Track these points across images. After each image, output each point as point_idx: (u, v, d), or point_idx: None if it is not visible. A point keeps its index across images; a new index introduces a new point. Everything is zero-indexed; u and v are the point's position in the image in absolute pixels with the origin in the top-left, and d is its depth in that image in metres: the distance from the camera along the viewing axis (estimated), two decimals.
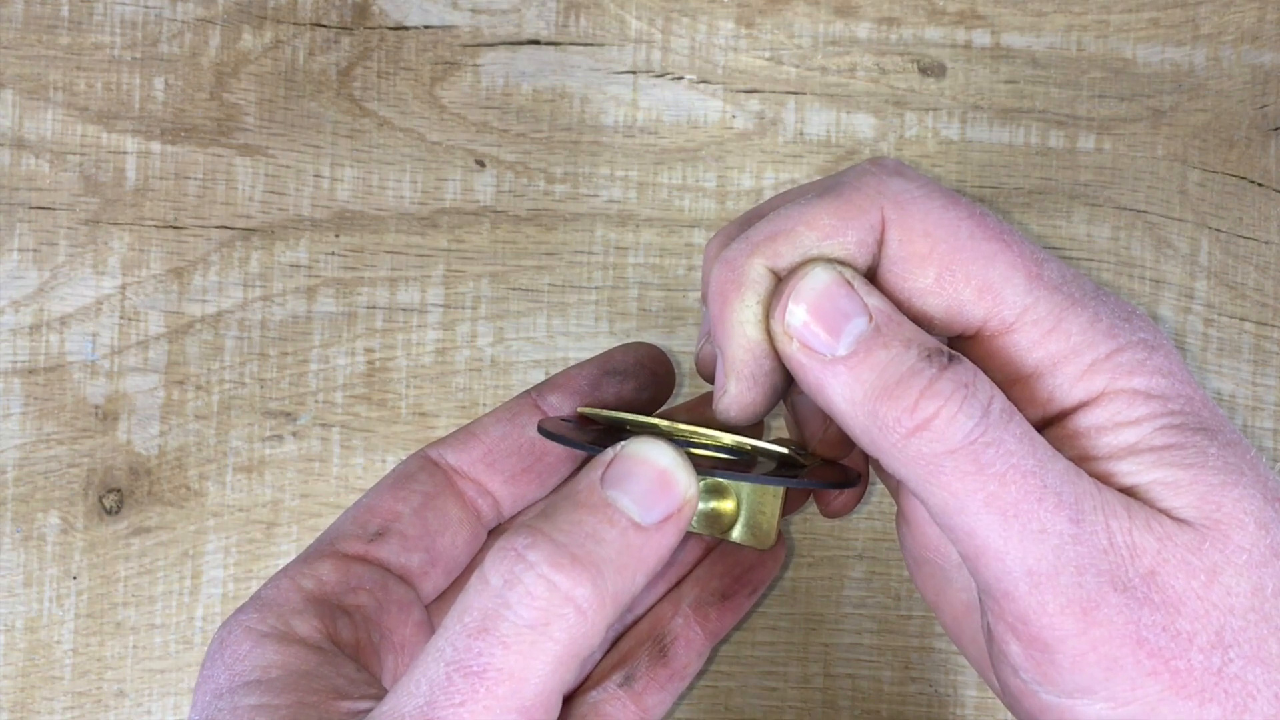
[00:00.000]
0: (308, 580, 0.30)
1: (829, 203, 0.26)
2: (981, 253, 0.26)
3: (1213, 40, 0.44)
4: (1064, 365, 0.26)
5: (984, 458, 0.23)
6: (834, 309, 0.25)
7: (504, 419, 0.33)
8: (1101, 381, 0.25)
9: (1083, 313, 0.26)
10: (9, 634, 0.43)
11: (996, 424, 0.24)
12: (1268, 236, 0.44)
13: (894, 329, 0.25)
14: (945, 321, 0.26)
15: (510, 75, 0.44)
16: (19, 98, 0.44)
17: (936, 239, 0.26)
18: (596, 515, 0.24)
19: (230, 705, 0.26)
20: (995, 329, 0.26)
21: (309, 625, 0.28)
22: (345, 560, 0.30)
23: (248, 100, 0.44)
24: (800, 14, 0.44)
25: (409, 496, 0.32)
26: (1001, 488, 0.23)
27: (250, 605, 0.30)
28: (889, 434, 0.24)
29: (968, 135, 0.44)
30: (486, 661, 0.22)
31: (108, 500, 0.43)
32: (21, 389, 0.43)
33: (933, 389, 0.24)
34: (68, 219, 0.44)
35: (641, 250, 0.44)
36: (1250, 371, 0.44)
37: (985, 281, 0.26)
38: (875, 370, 0.24)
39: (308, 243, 0.44)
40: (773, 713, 0.44)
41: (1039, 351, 0.26)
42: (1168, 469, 0.25)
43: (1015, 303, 0.26)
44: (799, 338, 0.25)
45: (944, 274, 0.26)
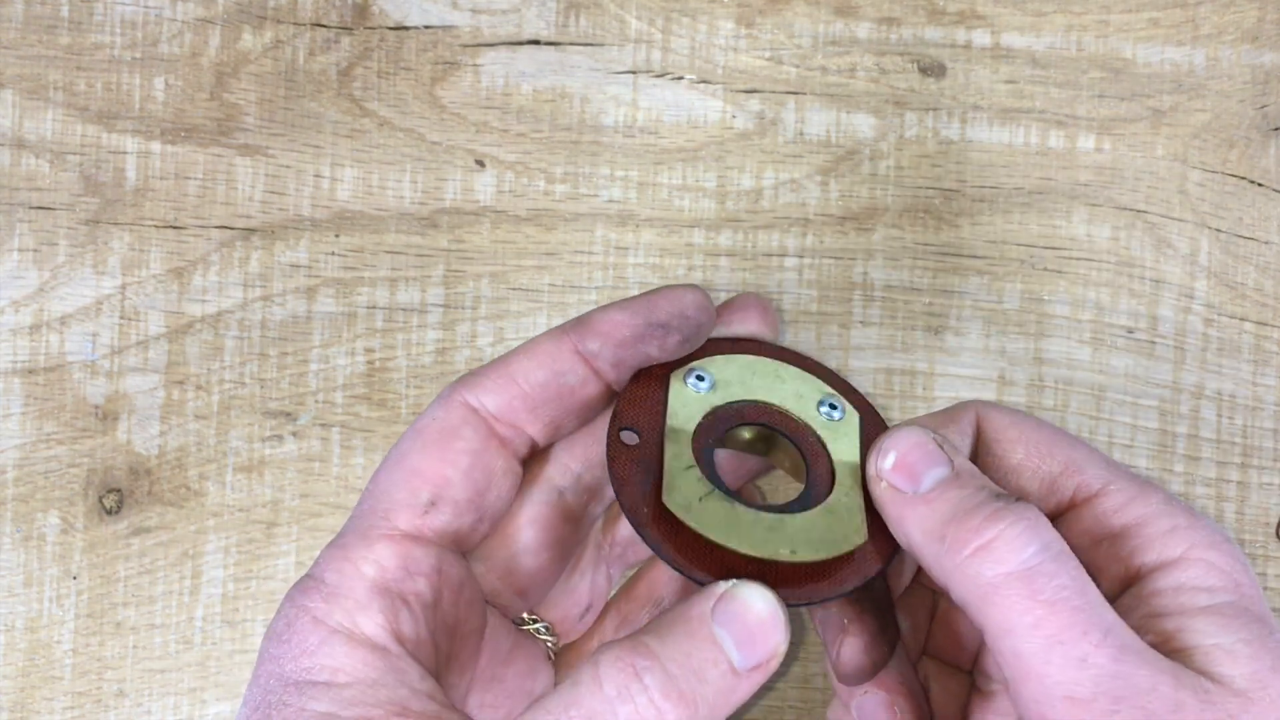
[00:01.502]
0: (369, 566, 0.30)
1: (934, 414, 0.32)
2: (1063, 440, 0.31)
3: (1213, 40, 0.44)
4: (1148, 527, 0.29)
5: (1037, 584, 0.26)
6: (920, 458, 0.29)
7: (545, 364, 0.32)
8: (1182, 547, 0.29)
9: (1158, 493, 0.30)
10: (9, 634, 0.43)
11: (1054, 558, 0.26)
12: (1268, 236, 0.44)
13: (971, 477, 0.28)
14: (1040, 494, 0.30)
15: (510, 75, 0.44)
16: (19, 98, 0.44)
17: (1023, 428, 0.31)
18: (704, 651, 0.26)
19: (298, 704, 0.27)
20: (1084, 496, 0.30)
21: (374, 622, 0.29)
22: (402, 541, 0.30)
23: (248, 100, 0.44)
24: (800, 14, 0.44)
25: (457, 458, 0.31)
26: (1051, 614, 0.26)
27: (315, 589, 0.29)
28: (955, 554, 0.27)
29: (968, 135, 0.44)
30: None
31: (108, 500, 0.43)
32: (21, 389, 0.43)
33: (998, 516, 0.27)
34: (68, 219, 0.44)
35: (641, 250, 0.44)
36: (1250, 371, 0.44)
37: (1070, 459, 0.30)
38: (950, 504, 0.28)
39: (308, 243, 0.44)
40: (773, 713, 0.44)
41: (1124, 515, 0.29)
42: (1232, 637, 0.27)
43: (1099, 476, 0.30)
44: (887, 479, 0.29)
45: (1031, 452, 0.31)
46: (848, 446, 0.33)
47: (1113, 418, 0.43)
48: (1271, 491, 0.44)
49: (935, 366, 0.44)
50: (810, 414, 0.33)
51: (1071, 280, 0.44)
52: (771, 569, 0.30)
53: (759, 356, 0.34)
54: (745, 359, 0.33)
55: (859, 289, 0.44)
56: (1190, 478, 0.44)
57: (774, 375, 0.33)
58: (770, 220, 0.44)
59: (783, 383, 0.33)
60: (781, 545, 0.30)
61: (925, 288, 0.44)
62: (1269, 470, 0.44)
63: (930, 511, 0.28)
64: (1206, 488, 0.44)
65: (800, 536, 0.30)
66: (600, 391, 0.33)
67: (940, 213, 0.44)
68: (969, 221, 0.44)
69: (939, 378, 0.44)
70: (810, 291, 0.44)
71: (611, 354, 0.32)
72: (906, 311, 0.44)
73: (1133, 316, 0.44)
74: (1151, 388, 0.44)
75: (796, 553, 0.30)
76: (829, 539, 0.30)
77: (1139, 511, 0.29)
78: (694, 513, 0.30)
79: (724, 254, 0.44)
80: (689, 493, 0.30)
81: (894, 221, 0.44)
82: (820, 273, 0.44)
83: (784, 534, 0.30)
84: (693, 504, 0.30)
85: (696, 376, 0.33)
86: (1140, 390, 0.44)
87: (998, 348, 0.44)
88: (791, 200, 0.44)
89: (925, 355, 0.44)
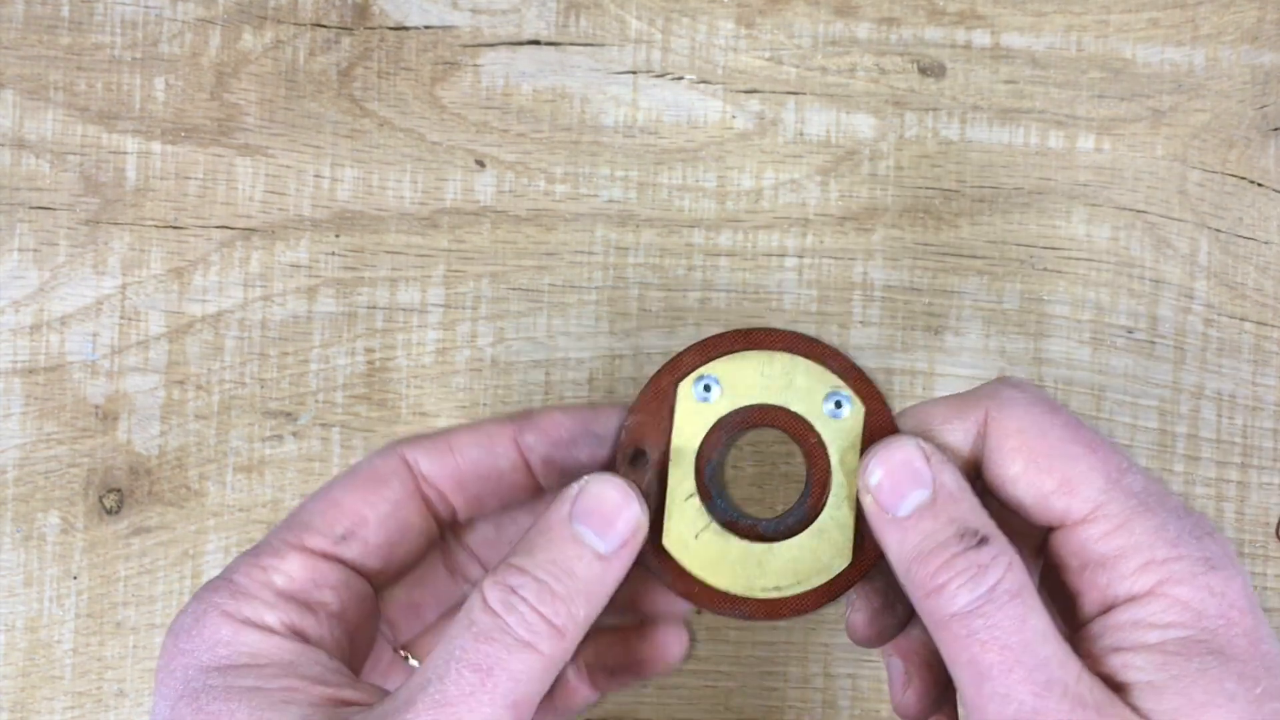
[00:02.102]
0: (278, 576, 0.31)
1: (949, 400, 0.32)
2: (1066, 453, 0.31)
3: (1212, 40, 0.44)
4: (1124, 560, 0.30)
5: (973, 626, 0.29)
6: (904, 479, 0.30)
7: (482, 443, 0.34)
8: (1150, 581, 0.30)
9: (1151, 519, 0.30)
10: (9, 634, 0.43)
11: (993, 602, 0.29)
12: (1267, 236, 0.44)
13: (947, 506, 0.30)
14: (1033, 509, 0.31)
15: (510, 75, 0.44)
16: (19, 98, 0.44)
17: (1027, 435, 0.31)
18: (568, 550, 0.30)
19: (224, 684, 0.29)
20: (1072, 520, 0.30)
21: (280, 621, 0.31)
22: (312, 557, 0.32)
23: (248, 100, 0.44)
24: (800, 14, 0.44)
25: (378, 502, 0.33)
26: (982, 653, 0.28)
27: (223, 588, 0.31)
28: (915, 590, 0.30)
29: (967, 135, 0.44)
30: (493, 662, 0.28)
31: (108, 500, 0.43)
32: (22, 389, 0.44)
33: (951, 564, 0.29)
34: (68, 219, 0.44)
35: (642, 250, 0.44)
36: (1250, 371, 0.44)
37: (1065, 477, 0.30)
38: (919, 536, 0.30)
39: (308, 243, 0.44)
40: (773, 713, 0.44)
41: (1105, 545, 0.30)
42: (1161, 674, 0.29)
43: (1090, 499, 0.30)
44: (873, 494, 0.31)
45: (1030, 465, 0.31)
46: (848, 447, 0.33)
47: (1112, 418, 0.43)
48: (1271, 491, 0.44)
49: (935, 366, 0.44)
50: (816, 412, 0.33)
51: (1071, 280, 0.44)
52: (754, 603, 0.33)
53: (770, 351, 0.34)
54: (756, 356, 0.34)
55: (859, 289, 0.44)
56: (1190, 478, 0.44)
57: (784, 372, 0.34)
58: (770, 220, 0.44)
59: (792, 379, 0.34)
60: (766, 580, 0.33)
61: (925, 288, 0.44)
62: (1268, 470, 0.44)
63: (903, 539, 0.30)
64: (1206, 488, 0.44)
65: (786, 569, 0.33)
66: (526, 484, 0.35)
67: (940, 213, 0.44)
68: (969, 222, 0.44)
69: (939, 378, 0.44)
70: (810, 291, 0.44)
71: (544, 451, 0.34)
72: (906, 311, 0.44)
73: (1132, 317, 0.44)
74: (1151, 388, 0.44)
75: (780, 589, 0.33)
76: (814, 567, 0.33)
77: (1120, 542, 0.30)
78: (689, 550, 0.33)
79: (724, 254, 0.44)
80: (685, 529, 0.33)
81: (894, 222, 0.44)
82: (820, 273, 0.44)
83: (770, 568, 0.33)
84: (688, 541, 0.33)
85: (704, 386, 0.33)
86: (1140, 390, 0.44)
87: (997, 348, 0.44)
88: (791, 200, 0.44)
89: (925, 355, 0.44)
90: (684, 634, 0.36)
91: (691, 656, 0.43)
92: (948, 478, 0.31)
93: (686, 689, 0.44)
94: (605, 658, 0.36)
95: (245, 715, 0.28)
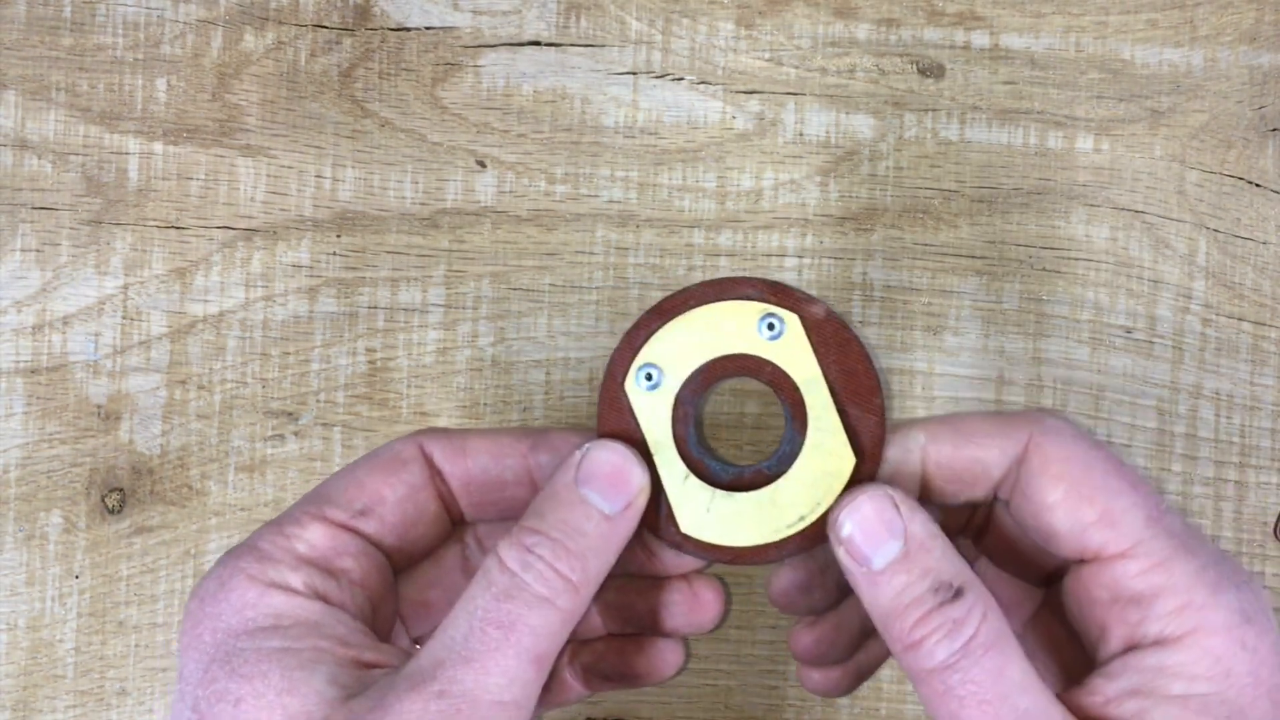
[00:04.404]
0: (300, 544, 0.32)
1: (991, 418, 0.33)
2: (1109, 486, 0.31)
3: (1211, 41, 0.44)
4: (1161, 600, 0.30)
5: (950, 681, 0.29)
6: (874, 532, 0.30)
7: (494, 452, 0.35)
8: (1185, 627, 0.29)
9: (1193, 561, 0.30)
10: (11, 633, 0.43)
11: (969, 656, 0.29)
12: (1265, 237, 0.44)
13: (920, 557, 0.30)
14: (1066, 538, 0.31)
15: (511, 76, 0.44)
16: (21, 98, 0.44)
17: (1070, 463, 0.31)
18: (576, 511, 0.31)
19: (253, 646, 0.30)
20: (1110, 553, 0.30)
21: (304, 584, 0.31)
22: (333, 527, 0.32)
23: (250, 101, 0.44)
24: (800, 15, 0.44)
25: (396, 484, 0.34)
26: (960, 708, 0.29)
27: (247, 553, 0.31)
28: (895, 643, 0.30)
29: (966, 136, 0.44)
30: (515, 618, 0.29)
31: (110, 499, 0.44)
32: (24, 389, 0.44)
33: (927, 619, 0.29)
34: (70, 219, 0.44)
35: (642, 250, 0.44)
36: (1248, 371, 0.44)
37: (1107, 509, 0.30)
38: (894, 591, 0.30)
39: (309, 243, 0.44)
40: (773, 712, 0.44)
41: (1143, 581, 0.30)
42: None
43: (1131, 535, 0.30)
44: (845, 547, 0.31)
45: (1071, 494, 0.31)
46: (803, 360, 0.33)
47: (1111, 417, 0.44)
48: (1269, 491, 0.44)
49: (935, 366, 0.44)
50: (757, 343, 0.34)
51: (1070, 280, 0.44)
52: (790, 541, 0.33)
53: (687, 313, 0.34)
54: (678, 324, 0.34)
55: (858, 289, 0.44)
56: (1188, 477, 0.44)
57: (708, 325, 0.34)
58: (770, 220, 0.44)
59: (719, 326, 0.34)
60: (789, 515, 0.33)
61: (924, 288, 0.44)
62: (1266, 470, 0.44)
63: (878, 594, 0.30)
64: (1204, 487, 0.44)
65: (802, 496, 0.33)
66: (530, 499, 0.35)
67: (939, 213, 0.44)
68: (968, 222, 0.44)
69: (938, 378, 0.44)
70: (810, 291, 0.44)
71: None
72: (906, 311, 0.44)
73: (1131, 316, 0.44)
74: (1150, 387, 0.44)
75: (804, 518, 0.33)
76: (826, 481, 0.33)
77: (1158, 581, 0.30)
78: (708, 525, 0.33)
79: (724, 254, 0.44)
80: (695, 507, 0.33)
81: (893, 222, 0.44)
82: (820, 273, 0.44)
83: (786, 503, 0.33)
84: (703, 518, 0.33)
85: (646, 375, 0.34)
86: (1138, 390, 0.44)
87: (997, 348, 0.44)
88: (791, 200, 0.44)
89: (924, 355, 0.44)
90: (680, 650, 0.37)
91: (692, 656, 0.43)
92: (918, 527, 0.31)
93: (686, 688, 0.44)
94: (601, 665, 0.37)
95: (277, 676, 0.29)
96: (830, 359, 0.34)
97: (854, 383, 0.33)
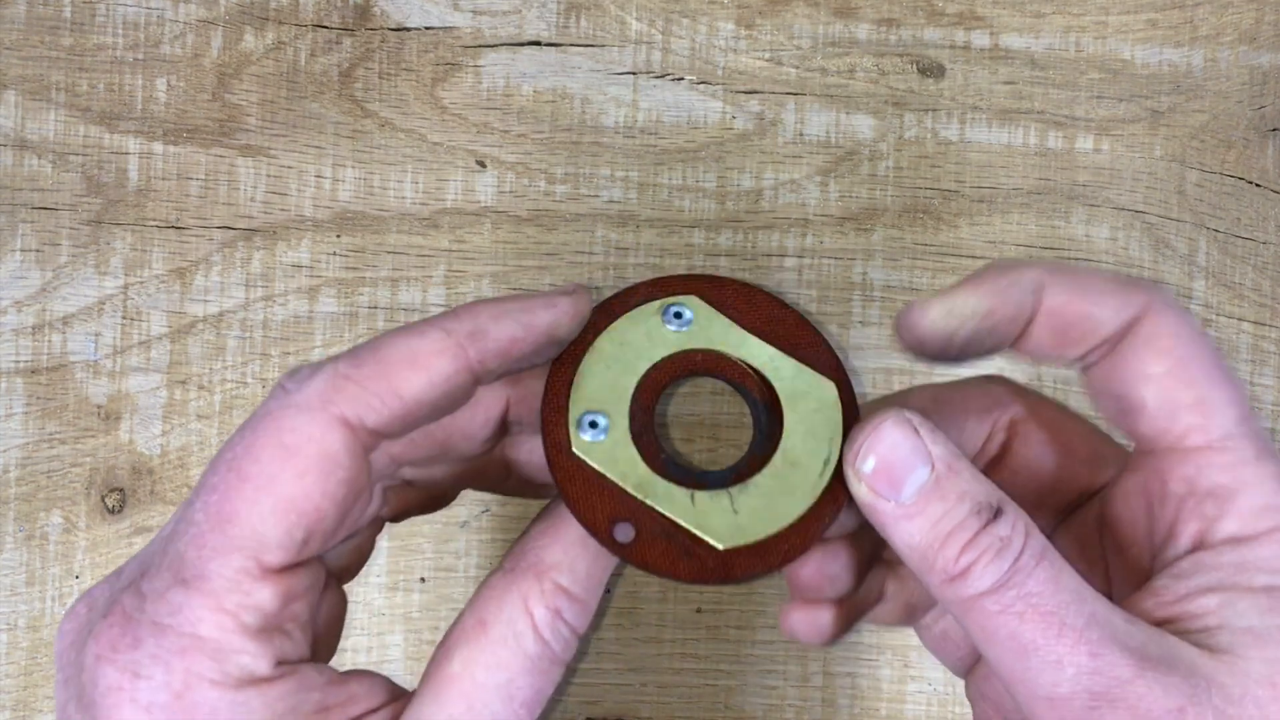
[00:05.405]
0: (249, 615, 0.26)
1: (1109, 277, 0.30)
2: (1213, 375, 0.29)
3: (1211, 41, 0.44)
4: (1243, 495, 0.28)
5: (1005, 599, 0.27)
6: (901, 460, 0.28)
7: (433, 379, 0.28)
8: (1268, 524, 0.28)
9: (1276, 465, 0.28)
10: (11, 633, 0.43)
11: (1022, 571, 0.27)
12: (1265, 236, 0.44)
13: (952, 481, 0.28)
14: (1155, 416, 0.29)
15: (511, 76, 0.44)
16: (21, 99, 0.44)
17: (1180, 340, 0.29)
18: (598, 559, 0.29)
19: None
20: (1197, 443, 0.29)
21: (271, 666, 0.27)
22: (279, 578, 0.27)
23: (249, 101, 0.44)
24: (800, 15, 0.44)
25: (335, 489, 0.27)
26: (1021, 624, 0.27)
27: (196, 648, 0.26)
28: (937, 576, 0.28)
29: (966, 136, 0.44)
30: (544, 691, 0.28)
31: (110, 500, 0.44)
32: (24, 389, 0.44)
33: (974, 543, 0.27)
34: (70, 219, 0.44)
35: (642, 250, 0.44)
36: (1248, 371, 0.44)
37: (1205, 396, 0.29)
38: (931, 521, 0.28)
39: (309, 243, 0.44)
40: (772, 711, 0.44)
41: (1226, 476, 0.28)
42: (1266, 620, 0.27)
43: (1223, 427, 0.29)
44: (868, 484, 0.29)
45: (1173, 372, 0.29)
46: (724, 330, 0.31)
47: None
48: None
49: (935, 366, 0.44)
50: (673, 338, 0.31)
51: None
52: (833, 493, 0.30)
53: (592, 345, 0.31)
54: (589, 359, 0.31)
55: (858, 289, 0.44)
56: None
57: (616, 345, 0.31)
58: (770, 220, 0.44)
59: (623, 342, 0.31)
60: (813, 470, 0.30)
61: (924, 288, 0.44)
62: None
63: (912, 528, 0.28)
64: None
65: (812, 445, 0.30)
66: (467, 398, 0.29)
67: (939, 213, 0.44)
68: (968, 222, 0.44)
69: (938, 377, 0.44)
70: (810, 291, 0.44)
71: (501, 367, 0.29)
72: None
73: None
74: None
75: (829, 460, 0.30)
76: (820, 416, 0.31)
77: (1245, 475, 0.28)
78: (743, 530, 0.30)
79: (724, 254, 0.44)
80: (721, 517, 0.30)
81: (893, 222, 0.44)
82: (820, 273, 0.44)
83: (801, 461, 0.30)
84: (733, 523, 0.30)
85: (590, 423, 0.30)
86: None
87: None
88: (791, 200, 0.44)
89: None
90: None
91: (692, 656, 0.43)
92: (942, 449, 0.28)
93: (686, 688, 0.44)
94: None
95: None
96: (747, 316, 0.31)
97: (781, 327, 0.31)
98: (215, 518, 0.26)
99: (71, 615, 0.27)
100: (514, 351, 0.29)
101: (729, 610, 0.44)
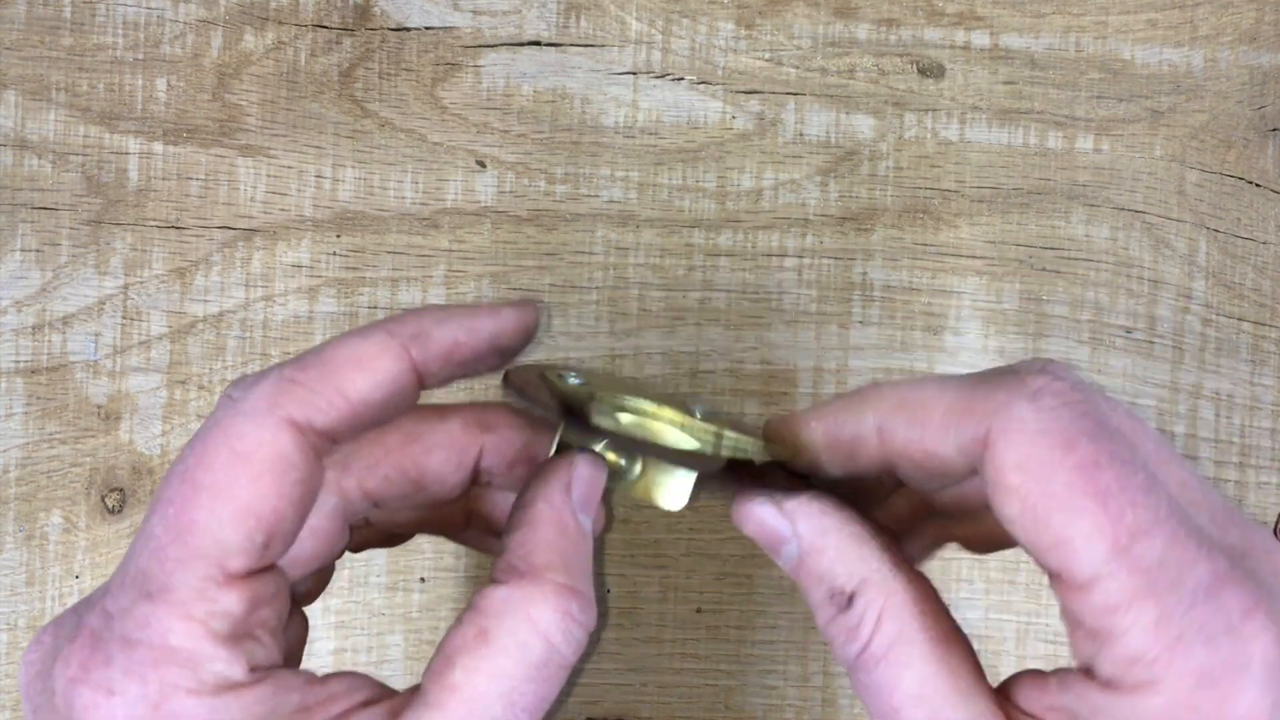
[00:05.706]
0: (218, 622, 0.26)
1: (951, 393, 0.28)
2: (1071, 506, 0.26)
3: (1211, 41, 0.44)
4: (1115, 644, 0.26)
5: (861, 681, 0.28)
6: (769, 535, 0.30)
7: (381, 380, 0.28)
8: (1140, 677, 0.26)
9: (1154, 608, 0.26)
10: (11, 633, 0.43)
11: (867, 662, 0.28)
12: (1265, 237, 0.44)
13: (812, 561, 0.29)
14: (1032, 555, 0.27)
15: (511, 76, 0.44)
16: (21, 98, 0.44)
17: (1028, 476, 0.26)
18: (579, 546, 0.29)
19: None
20: (1068, 581, 0.27)
21: (246, 672, 0.26)
22: (243, 584, 0.26)
23: (249, 101, 0.44)
24: (800, 15, 0.44)
25: (291, 491, 0.27)
26: (871, 703, 0.28)
27: (170, 659, 0.26)
28: None
29: (966, 136, 0.44)
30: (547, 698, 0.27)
31: (110, 499, 0.44)
32: (24, 389, 0.44)
33: (829, 626, 0.29)
34: (70, 219, 0.44)
35: (642, 250, 0.44)
36: (1248, 371, 0.44)
37: (1063, 538, 0.26)
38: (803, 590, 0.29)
39: (309, 243, 0.44)
40: (772, 711, 0.44)
41: (1095, 621, 0.26)
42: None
43: (1087, 570, 0.26)
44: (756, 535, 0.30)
45: (1026, 513, 0.27)
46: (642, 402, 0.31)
47: None
48: (1269, 491, 0.44)
49: (934, 366, 0.44)
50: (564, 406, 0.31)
51: (1070, 280, 0.44)
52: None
53: None
54: None
55: (858, 289, 0.44)
56: None
57: None
58: (770, 220, 0.44)
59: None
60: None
61: (924, 288, 0.44)
62: (1266, 469, 0.44)
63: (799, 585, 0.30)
64: None
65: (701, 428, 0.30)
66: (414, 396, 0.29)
67: (939, 213, 0.44)
68: (968, 222, 0.44)
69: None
70: (810, 292, 0.44)
71: (445, 372, 0.29)
72: (905, 311, 0.44)
73: (1131, 316, 0.44)
74: (1149, 387, 0.44)
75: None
76: None
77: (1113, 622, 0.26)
78: None
79: (724, 254, 0.44)
80: None
81: (893, 222, 0.44)
82: (820, 273, 0.44)
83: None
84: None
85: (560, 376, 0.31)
86: (1138, 390, 0.44)
87: (996, 348, 0.44)
88: (791, 200, 0.44)
89: (924, 355, 0.44)
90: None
91: (692, 656, 0.43)
92: (805, 527, 0.29)
93: (686, 688, 0.44)
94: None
95: None
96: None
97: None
98: (174, 529, 0.26)
99: (36, 645, 0.27)
100: (456, 355, 0.29)
101: (729, 610, 0.44)
